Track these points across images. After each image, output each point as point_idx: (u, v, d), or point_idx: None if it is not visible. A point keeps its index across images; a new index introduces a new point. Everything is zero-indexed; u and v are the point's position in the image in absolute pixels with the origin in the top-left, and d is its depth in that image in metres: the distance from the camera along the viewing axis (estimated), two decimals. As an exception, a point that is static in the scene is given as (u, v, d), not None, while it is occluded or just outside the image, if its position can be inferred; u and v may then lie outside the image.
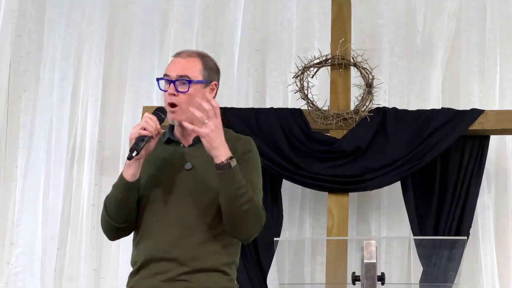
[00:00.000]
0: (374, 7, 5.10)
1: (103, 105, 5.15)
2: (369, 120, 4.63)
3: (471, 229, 4.54)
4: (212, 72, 3.09)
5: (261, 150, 3.73)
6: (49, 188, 5.08)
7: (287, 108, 4.79)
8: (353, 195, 4.74)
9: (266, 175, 4.24)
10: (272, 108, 4.78)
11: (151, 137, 2.95)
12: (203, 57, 3.09)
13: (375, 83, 4.69)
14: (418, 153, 4.56)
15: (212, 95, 3.08)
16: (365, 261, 2.99)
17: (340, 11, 4.81)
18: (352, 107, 4.70)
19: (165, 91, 3.04)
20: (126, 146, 4.88)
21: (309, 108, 4.69)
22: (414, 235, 4.55)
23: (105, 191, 4.68)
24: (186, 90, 3.01)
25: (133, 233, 3.08)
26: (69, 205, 5.06)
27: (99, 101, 5.15)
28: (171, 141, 3.10)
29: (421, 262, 4.27)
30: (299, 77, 4.70)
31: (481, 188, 4.62)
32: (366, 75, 4.67)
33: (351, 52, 4.74)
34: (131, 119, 5.07)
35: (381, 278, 3.04)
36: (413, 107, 4.83)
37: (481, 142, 4.60)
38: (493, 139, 4.71)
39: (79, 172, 5.10)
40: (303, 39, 5.12)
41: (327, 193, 4.62)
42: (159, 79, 3.09)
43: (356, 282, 3.12)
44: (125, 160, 2.96)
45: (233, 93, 5.06)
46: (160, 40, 5.20)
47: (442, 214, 4.52)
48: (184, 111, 3.00)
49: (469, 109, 4.66)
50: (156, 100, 5.07)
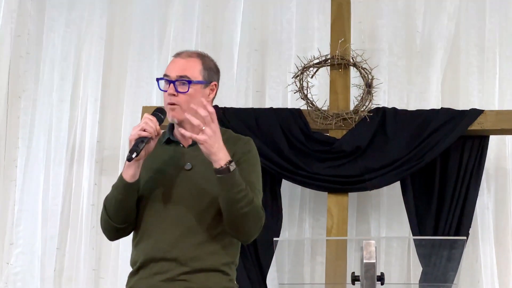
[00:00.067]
0: (374, 7, 5.10)
1: (102, 105, 5.15)
2: (368, 120, 4.63)
3: (470, 229, 4.54)
4: (212, 72, 3.09)
5: (261, 150, 3.73)
6: (48, 188, 5.08)
7: (287, 108, 4.79)
8: (352, 195, 4.73)
9: (265, 175, 4.23)
10: (271, 108, 4.78)
11: (150, 138, 2.94)
12: (203, 58, 3.09)
13: (374, 83, 4.69)
14: (418, 153, 4.56)
15: (212, 95, 3.09)
16: (364, 261, 2.98)
17: (340, 11, 4.81)
18: (352, 107, 4.70)
19: (165, 91, 3.04)
20: (126, 146, 4.87)
21: (308, 108, 4.68)
22: (413, 235, 4.55)
23: (105, 191, 4.70)
24: (186, 91, 3.01)
25: (132, 233, 3.08)
26: (69, 205, 5.06)
27: (98, 101, 5.15)
28: (171, 142, 3.10)
29: (421, 262, 4.26)
30: (298, 77, 4.70)
31: (480, 188, 4.62)
32: (366, 75, 4.66)
33: (351, 52, 4.74)
34: (131, 119, 5.07)
35: (381, 278, 3.04)
36: (412, 107, 4.83)
37: (480, 142, 4.60)
38: (493, 139, 4.70)
39: (78, 172, 5.10)
40: (303, 39, 5.11)
41: (326, 193, 4.62)
42: (159, 79, 3.09)
43: (356, 282, 3.12)
44: (125, 160, 2.96)
45: (232, 93, 5.05)
46: (160, 40, 5.19)
47: (442, 214, 4.52)
48: (184, 110, 2.99)
49: (468, 109, 4.66)
50: (156, 100, 5.07)
